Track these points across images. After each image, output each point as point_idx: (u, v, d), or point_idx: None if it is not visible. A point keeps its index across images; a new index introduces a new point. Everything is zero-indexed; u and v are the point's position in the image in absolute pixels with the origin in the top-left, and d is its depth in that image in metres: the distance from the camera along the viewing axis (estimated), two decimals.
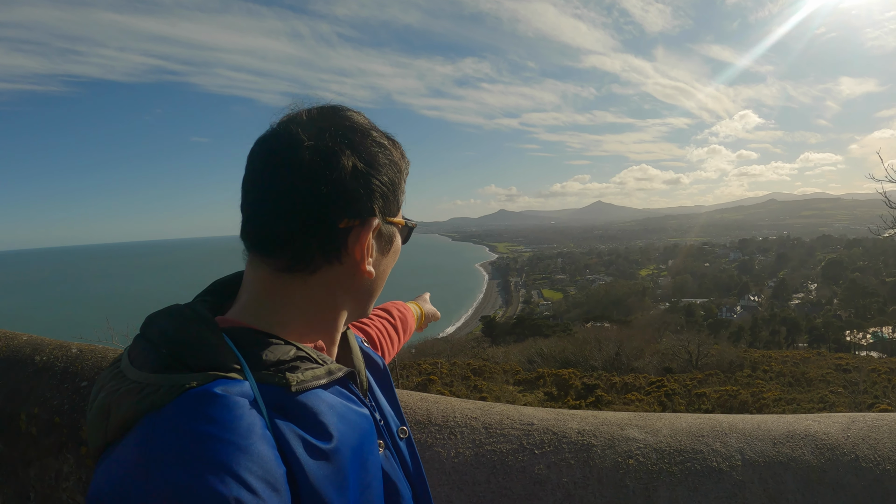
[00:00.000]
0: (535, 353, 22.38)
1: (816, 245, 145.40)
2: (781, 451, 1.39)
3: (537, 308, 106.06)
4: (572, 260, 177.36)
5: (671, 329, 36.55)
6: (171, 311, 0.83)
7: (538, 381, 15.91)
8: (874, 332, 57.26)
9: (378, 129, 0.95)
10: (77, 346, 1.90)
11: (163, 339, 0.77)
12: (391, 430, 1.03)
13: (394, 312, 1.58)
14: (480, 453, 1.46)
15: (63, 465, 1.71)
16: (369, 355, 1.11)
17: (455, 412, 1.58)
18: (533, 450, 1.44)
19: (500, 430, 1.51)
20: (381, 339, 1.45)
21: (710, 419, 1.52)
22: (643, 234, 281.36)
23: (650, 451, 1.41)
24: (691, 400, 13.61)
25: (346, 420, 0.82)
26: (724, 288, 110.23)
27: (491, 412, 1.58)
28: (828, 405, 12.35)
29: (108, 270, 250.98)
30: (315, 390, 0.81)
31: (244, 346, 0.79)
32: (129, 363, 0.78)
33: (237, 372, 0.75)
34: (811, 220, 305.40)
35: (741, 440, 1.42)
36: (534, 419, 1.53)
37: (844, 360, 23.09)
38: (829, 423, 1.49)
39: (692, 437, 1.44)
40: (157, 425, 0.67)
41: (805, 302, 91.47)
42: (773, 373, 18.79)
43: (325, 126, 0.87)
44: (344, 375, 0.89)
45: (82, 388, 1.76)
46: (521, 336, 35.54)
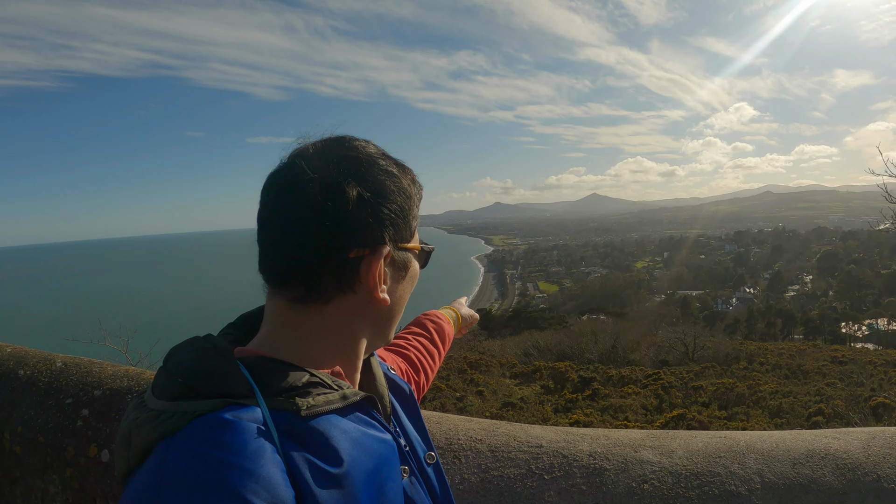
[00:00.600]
0: (531, 346, 22.38)
1: (812, 237, 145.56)
2: (801, 472, 1.32)
3: (533, 300, 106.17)
4: (568, 252, 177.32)
5: (667, 321, 36.59)
6: (189, 343, 0.86)
7: (535, 375, 15.90)
8: (869, 324, 57.50)
9: (387, 156, 0.96)
10: (62, 358, 1.84)
11: (180, 370, 0.80)
12: (418, 456, 1.03)
13: (428, 326, 1.59)
14: (486, 479, 1.39)
15: (49, 486, 1.65)
16: (395, 381, 1.11)
17: (459, 433, 1.50)
18: (542, 475, 1.37)
19: (506, 453, 1.43)
20: (420, 358, 1.46)
21: (726, 437, 1.45)
22: (639, 227, 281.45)
23: (665, 474, 1.34)
24: (688, 393, 13.61)
25: (361, 445, 0.83)
26: (720, 280, 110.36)
27: (497, 433, 1.51)
28: (824, 398, 12.34)
29: (103, 266, 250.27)
30: (328, 416, 0.82)
31: (258, 373, 0.81)
32: (151, 393, 0.81)
33: (249, 398, 0.77)
34: (806, 213, 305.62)
35: (759, 461, 1.35)
36: (542, 441, 1.46)
37: (840, 352, 23.16)
38: (849, 441, 1.42)
39: (709, 458, 1.37)
40: (170, 451, 0.70)
41: (800, 294, 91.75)
42: (769, 365, 18.80)
43: (330, 158, 0.89)
44: (362, 400, 0.89)
45: (66, 406, 1.69)
46: (518, 329, 35.51)
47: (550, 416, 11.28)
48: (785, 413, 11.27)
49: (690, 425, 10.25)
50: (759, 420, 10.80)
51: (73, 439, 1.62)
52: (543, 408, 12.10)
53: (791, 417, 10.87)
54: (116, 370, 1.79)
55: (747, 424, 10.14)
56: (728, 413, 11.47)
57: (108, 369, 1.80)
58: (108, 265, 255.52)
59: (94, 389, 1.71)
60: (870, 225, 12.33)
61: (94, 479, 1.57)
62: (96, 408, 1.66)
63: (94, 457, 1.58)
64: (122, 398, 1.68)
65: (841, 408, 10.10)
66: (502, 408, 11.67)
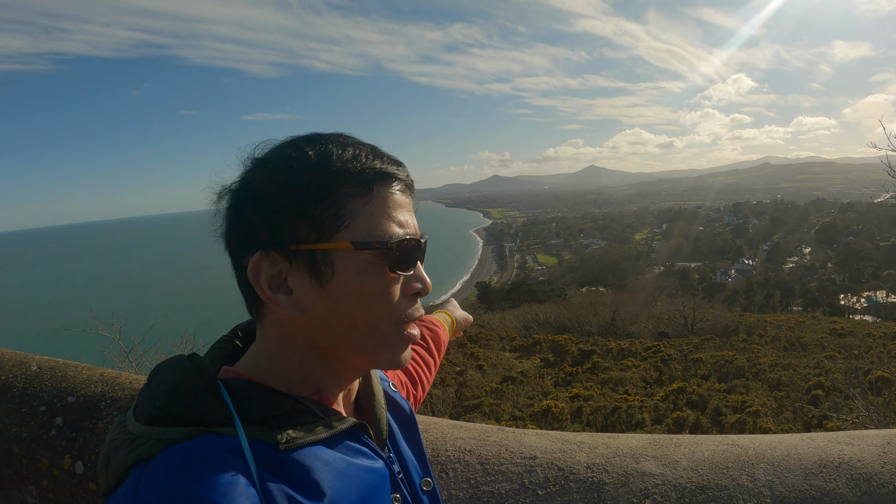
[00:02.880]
0: (530, 319, 22.45)
1: (810, 209, 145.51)
2: (814, 483, 1.25)
3: (532, 273, 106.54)
4: (566, 225, 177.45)
5: (666, 293, 36.74)
6: (173, 361, 0.82)
7: (535, 348, 15.96)
8: (868, 297, 57.67)
9: (318, 139, 0.85)
10: (37, 361, 1.77)
11: (159, 391, 0.77)
12: (413, 483, 0.97)
13: (424, 334, 1.51)
14: (476, 495, 1.31)
15: (27, 497, 1.60)
16: (394, 400, 1.05)
17: (447, 444, 1.42)
18: (536, 490, 1.29)
19: (497, 465, 1.35)
20: (418, 370, 1.40)
21: (733, 445, 1.37)
22: (637, 199, 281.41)
23: (669, 488, 1.26)
24: (687, 365, 13.65)
25: (345, 477, 0.78)
26: (719, 252, 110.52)
27: (487, 443, 1.42)
28: (823, 371, 12.36)
29: (101, 248, 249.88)
30: (311, 447, 0.78)
31: (240, 398, 0.77)
32: (131, 414, 0.78)
33: (228, 426, 0.74)
34: (805, 184, 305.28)
35: (769, 472, 1.27)
36: (536, 451, 1.37)
37: (839, 324, 23.26)
38: (864, 447, 1.34)
39: (715, 469, 1.29)
40: (142, 479, 0.68)
41: (799, 266, 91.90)
42: (768, 337, 18.88)
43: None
44: (349, 427, 0.85)
45: (40, 414, 1.63)
46: (517, 302, 35.61)
47: (550, 390, 11.31)
48: (784, 386, 11.30)
49: (690, 398, 10.28)
50: (758, 393, 10.82)
51: (46, 450, 1.56)
52: (543, 381, 12.13)
53: (790, 390, 10.90)
54: (91, 373, 1.72)
55: (747, 398, 10.14)
56: (728, 386, 11.51)
57: (83, 373, 1.73)
58: (105, 248, 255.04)
59: (69, 396, 1.65)
60: (869, 197, 12.29)
61: (70, 493, 1.52)
62: (70, 416, 1.60)
63: (67, 469, 1.53)
64: (95, 405, 1.62)
65: (840, 381, 10.10)
66: (502, 382, 11.69)
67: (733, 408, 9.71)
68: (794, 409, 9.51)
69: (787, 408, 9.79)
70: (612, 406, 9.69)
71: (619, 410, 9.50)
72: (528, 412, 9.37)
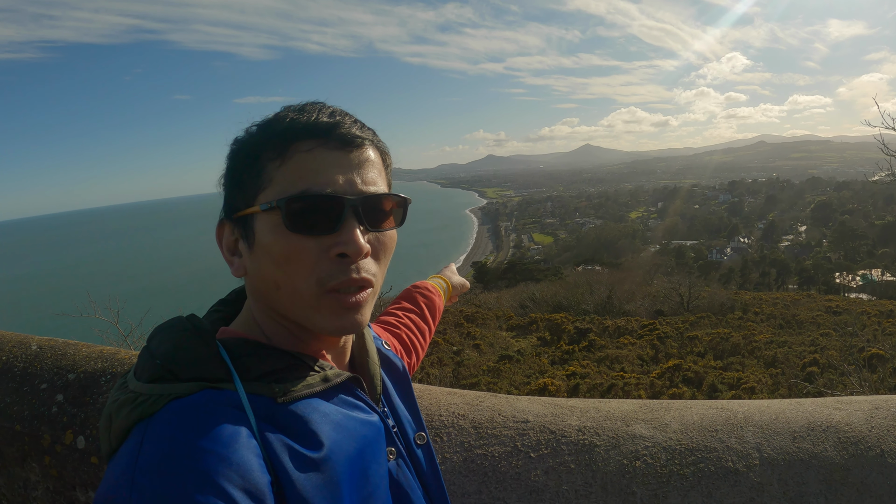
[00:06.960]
0: (527, 298, 22.44)
1: (806, 187, 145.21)
2: (802, 446, 1.27)
3: (528, 252, 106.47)
4: (562, 204, 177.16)
5: (662, 271, 36.77)
6: (171, 323, 0.86)
7: (531, 327, 15.99)
8: (863, 275, 57.70)
9: (273, 119, 0.88)
10: (37, 341, 1.79)
11: (160, 350, 0.80)
12: (407, 437, 1.01)
13: (419, 301, 1.55)
14: (469, 458, 1.33)
15: (30, 475, 1.62)
16: (388, 357, 1.09)
17: (441, 409, 1.45)
18: (528, 453, 1.31)
19: (491, 429, 1.38)
20: (411, 338, 1.43)
21: (723, 409, 1.40)
22: (632, 177, 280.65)
23: (659, 450, 1.29)
24: (683, 343, 13.71)
25: (343, 428, 0.82)
26: (714, 230, 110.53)
27: (481, 407, 1.45)
28: (819, 348, 12.43)
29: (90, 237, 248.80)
30: (309, 399, 0.81)
31: (237, 356, 0.81)
32: (133, 374, 0.81)
33: (227, 382, 0.77)
34: (800, 163, 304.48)
35: (758, 435, 1.30)
36: (528, 415, 1.40)
37: (834, 302, 23.30)
38: (851, 412, 1.37)
39: (705, 432, 1.32)
40: (146, 434, 0.70)
41: (794, 244, 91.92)
42: (763, 315, 18.92)
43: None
44: (346, 381, 0.89)
45: (41, 392, 1.65)
46: (513, 281, 35.61)
47: (547, 369, 11.37)
48: (780, 363, 11.36)
49: (686, 376, 10.34)
50: (754, 370, 10.89)
51: (48, 426, 1.58)
52: (540, 360, 12.18)
53: (786, 367, 10.96)
54: (91, 351, 1.75)
55: (743, 375, 10.22)
56: (723, 363, 11.58)
57: (82, 350, 1.75)
58: (98, 234, 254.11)
59: (69, 373, 1.67)
60: (864, 175, 12.27)
61: (72, 467, 1.54)
62: (70, 392, 1.63)
63: (69, 444, 1.55)
64: (96, 381, 1.64)
65: (835, 358, 10.17)
66: (499, 361, 11.74)
67: (729, 384, 9.78)
68: (789, 385, 9.57)
69: (782, 384, 9.85)
70: (608, 384, 9.76)
71: (615, 388, 9.56)
72: (525, 390, 9.43)
